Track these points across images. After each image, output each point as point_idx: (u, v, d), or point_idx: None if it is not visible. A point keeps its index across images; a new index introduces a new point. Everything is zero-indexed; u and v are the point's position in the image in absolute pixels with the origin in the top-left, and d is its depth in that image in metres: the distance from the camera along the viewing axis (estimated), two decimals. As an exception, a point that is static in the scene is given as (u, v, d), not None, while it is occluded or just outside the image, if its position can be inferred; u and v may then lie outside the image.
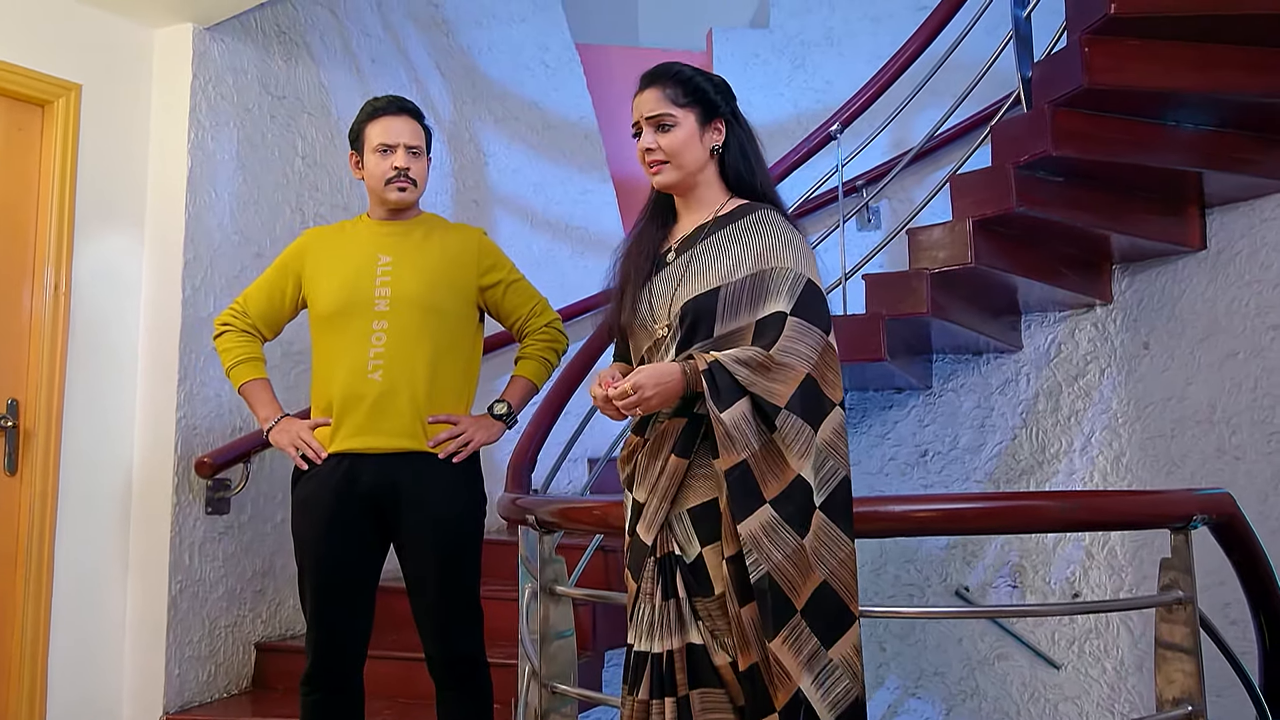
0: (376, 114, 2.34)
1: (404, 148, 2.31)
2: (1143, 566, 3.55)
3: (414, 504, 2.26)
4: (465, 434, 2.30)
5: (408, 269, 2.31)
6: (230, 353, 2.43)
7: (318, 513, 2.26)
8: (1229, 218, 3.36)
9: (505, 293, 2.42)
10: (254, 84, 3.20)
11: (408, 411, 2.26)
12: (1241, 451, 3.29)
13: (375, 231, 2.38)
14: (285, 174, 3.30)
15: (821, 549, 1.67)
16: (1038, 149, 2.96)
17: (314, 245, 2.43)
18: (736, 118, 1.89)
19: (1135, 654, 3.56)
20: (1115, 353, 3.66)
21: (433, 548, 2.26)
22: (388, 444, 2.26)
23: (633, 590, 1.84)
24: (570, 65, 4.19)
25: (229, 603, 3.07)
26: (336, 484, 2.26)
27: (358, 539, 2.27)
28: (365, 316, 2.28)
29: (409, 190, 2.33)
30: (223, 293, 3.07)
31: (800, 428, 1.68)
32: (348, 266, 2.33)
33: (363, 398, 2.26)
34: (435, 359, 2.29)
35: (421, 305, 2.29)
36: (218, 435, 3.05)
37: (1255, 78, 2.86)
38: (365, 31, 3.61)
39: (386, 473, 2.25)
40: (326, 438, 2.29)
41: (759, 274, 1.76)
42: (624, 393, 1.72)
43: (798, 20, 4.30)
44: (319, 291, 2.35)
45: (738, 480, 1.67)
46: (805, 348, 1.71)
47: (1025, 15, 3.10)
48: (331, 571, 2.26)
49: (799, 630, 1.64)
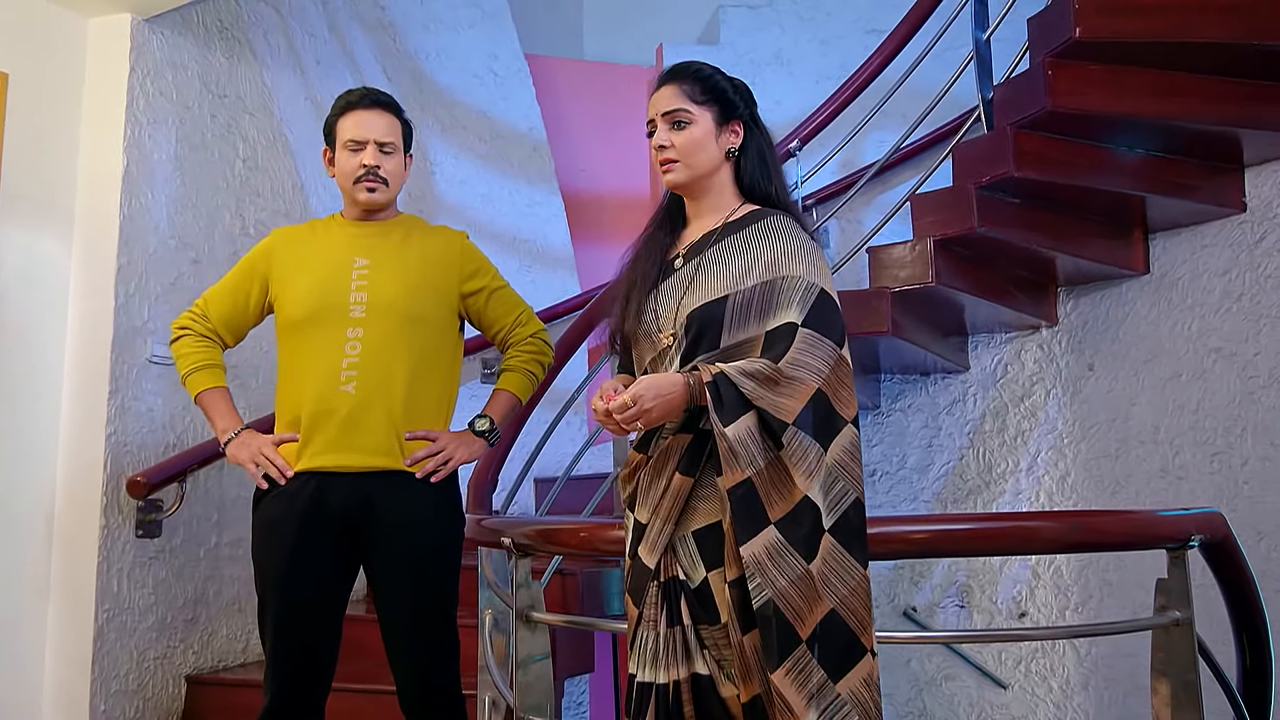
0: (349, 108, 2.19)
1: (374, 144, 2.15)
2: (1088, 586, 3.60)
3: (389, 527, 2.10)
4: (445, 451, 2.15)
5: (386, 273, 2.16)
6: (187, 358, 2.24)
7: (283, 537, 2.09)
8: (1171, 243, 3.44)
9: (488, 300, 2.28)
10: (194, 81, 3.03)
11: (383, 427, 2.10)
12: (1184, 471, 3.35)
13: (350, 233, 2.23)
14: (225, 177, 3.13)
15: (831, 575, 1.58)
16: (999, 170, 2.98)
17: (282, 245, 2.25)
18: (756, 122, 1.82)
19: (1081, 672, 3.60)
20: (1060, 374, 3.71)
21: (410, 573, 2.10)
22: (361, 462, 2.09)
23: (633, 616, 1.74)
24: (519, 75, 4.10)
25: (159, 633, 2.87)
26: (304, 505, 2.08)
27: (326, 565, 2.11)
28: (339, 324, 2.12)
29: (379, 190, 2.17)
30: (158, 300, 2.89)
31: (809, 445, 1.60)
32: (320, 269, 2.17)
33: (334, 411, 2.09)
34: (414, 370, 2.14)
35: (400, 312, 2.14)
36: (150, 452, 2.85)
37: (1207, 106, 2.94)
38: (310, 32, 3.46)
39: (359, 493, 2.09)
40: (293, 454, 2.13)
41: (769, 283, 1.68)
42: (623, 405, 1.62)
43: (748, 39, 4.30)
44: (287, 296, 2.18)
45: (741, 500, 1.59)
46: (817, 361, 1.63)
47: (985, 38, 3.13)
48: (297, 601, 2.09)
49: (804, 661, 1.55)
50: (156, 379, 2.88)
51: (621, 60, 4.45)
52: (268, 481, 2.13)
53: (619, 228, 4.30)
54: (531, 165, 4.05)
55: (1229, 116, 2.95)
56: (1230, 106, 2.94)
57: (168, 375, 2.91)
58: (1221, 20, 2.71)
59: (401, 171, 2.23)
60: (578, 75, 4.41)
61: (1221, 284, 3.28)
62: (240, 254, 3.17)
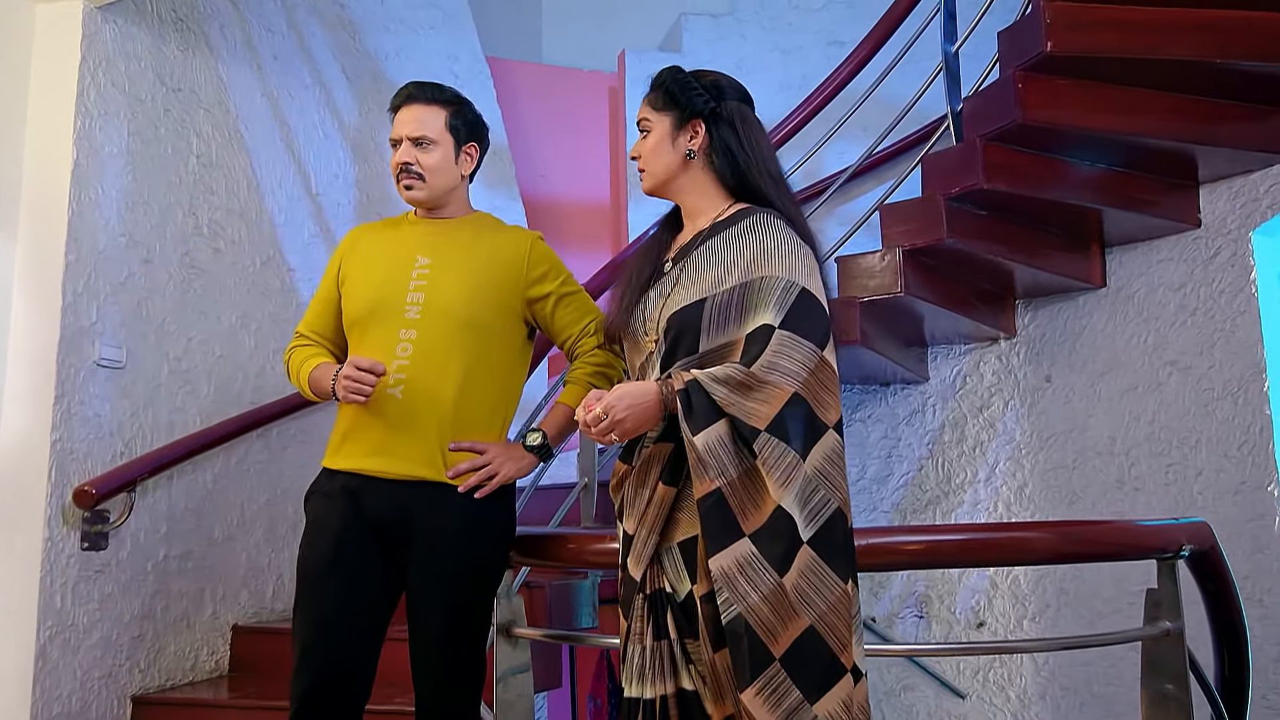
0: (395, 110, 2.12)
1: (407, 140, 2.06)
2: (1044, 596, 3.63)
3: (426, 543, 1.97)
4: (491, 465, 2.00)
5: (447, 274, 2.05)
6: (295, 360, 2.14)
7: (324, 535, 1.99)
8: (1128, 257, 3.50)
9: (556, 307, 2.12)
10: (148, 72, 2.90)
11: (429, 435, 1.99)
12: (1141, 482, 3.41)
13: (420, 231, 2.12)
14: (179, 173, 3.00)
15: (808, 590, 1.51)
16: (969, 181, 3.00)
17: (356, 243, 2.18)
18: (723, 118, 1.75)
19: (1038, 682, 3.63)
20: (1019, 385, 3.75)
21: (442, 594, 1.96)
22: (401, 469, 1.98)
23: (624, 630, 1.69)
24: (480, 78, 4.02)
25: (104, 650, 2.72)
26: (342, 506, 2.00)
27: (365, 569, 1.98)
28: (392, 324, 2.02)
29: (416, 187, 2.07)
30: (107, 300, 2.75)
31: (783, 453, 1.53)
32: (383, 268, 2.08)
33: (379, 414, 1.99)
34: (466, 378, 2.01)
35: (456, 316, 2.02)
36: (98, 461, 2.71)
37: (1168, 123, 2.99)
38: (268, 27, 3.35)
39: (396, 501, 1.98)
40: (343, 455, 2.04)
41: (748, 283, 1.63)
42: (597, 417, 1.57)
43: (709, 47, 4.28)
44: (351, 293, 2.10)
45: (711, 510, 1.53)
46: (793, 364, 1.57)
47: (954, 50, 3.15)
48: (334, 607, 1.95)
49: (777, 681, 1.48)
50: (105, 383, 2.74)
51: (582, 66, 4.41)
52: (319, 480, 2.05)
53: (578, 234, 4.24)
54: (492, 169, 3.98)
55: (1187, 134, 3.01)
56: (1189, 124, 2.99)
57: (116, 379, 2.78)
58: (1189, 38, 2.76)
59: (448, 165, 2.09)
60: (538, 79, 4.36)
61: (1177, 298, 3.34)
62: (194, 253, 3.07)
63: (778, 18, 4.32)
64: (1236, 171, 3.17)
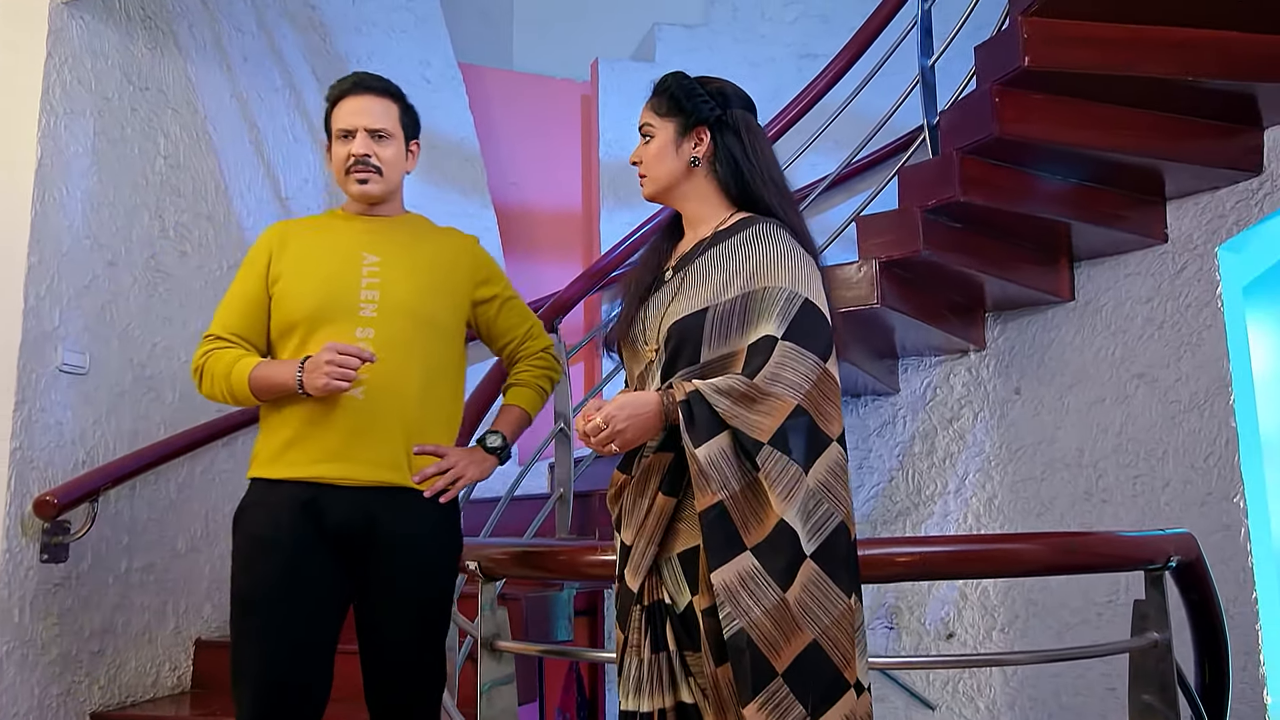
0: (340, 96, 2.02)
1: (364, 131, 1.98)
2: (1014, 607, 3.66)
3: (393, 549, 1.89)
4: (455, 469, 1.97)
5: (398, 271, 1.98)
6: (222, 362, 1.96)
7: (272, 555, 1.85)
8: (1096, 271, 3.54)
9: (500, 310, 2.11)
10: (115, 71, 2.83)
11: (393, 438, 1.91)
12: (1108, 494, 3.44)
13: (356, 227, 2.04)
14: (145, 174, 2.93)
15: (812, 604, 1.49)
16: (946, 194, 3.02)
17: (286, 240, 2.04)
18: (728, 125, 1.73)
19: (1007, 693, 3.65)
20: (988, 397, 3.77)
21: (410, 601, 1.90)
22: (366, 475, 1.89)
23: (620, 642, 1.66)
24: (452, 84, 3.97)
25: (63, 667, 2.63)
26: (296, 520, 1.86)
27: (322, 589, 1.88)
28: (347, 322, 1.93)
29: (372, 180, 1.99)
30: (70, 304, 2.67)
31: (785, 466, 1.51)
32: (327, 264, 1.98)
33: (338, 419, 1.88)
34: (427, 377, 1.96)
35: (414, 314, 1.96)
36: (59, 470, 2.63)
37: (1137, 139, 3.03)
38: (238, 27, 3.29)
39: (360, 509, 1.89)
40: (280, 464, 1.91)
41: (750, 294, 1.60)
42: (597, 427, 1.54)
43: (682, 58, 4.27)
44: (290, 292, 1.97)
45: (713, 524, 1.50)
46: (796, 376, 1.55)
47: (930, 64, 3.17)
48: (291, 632, 1.83)
49: (780, 696, 1.46)
50: (67, 389, 2.66)
51: (555, 74, 4.38)
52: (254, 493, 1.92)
53: (550, 243, 4.21)
54: (464, 176, 3.93)
55: (1157, 150, 3.05)
56: (1159, 141, 3.04)
57: (79, 385, 2.70)
58: (1163, 56, 2.80)
59: (401, 161, 2.04)
60: (510, 86, 4.32)
61: (1144, 311, 3.39)
62: (159, 257, 2.98)
63: (751, 29, 4.33)
64: (1203, 188, 3.22)
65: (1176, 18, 2.76)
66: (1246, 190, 3.13)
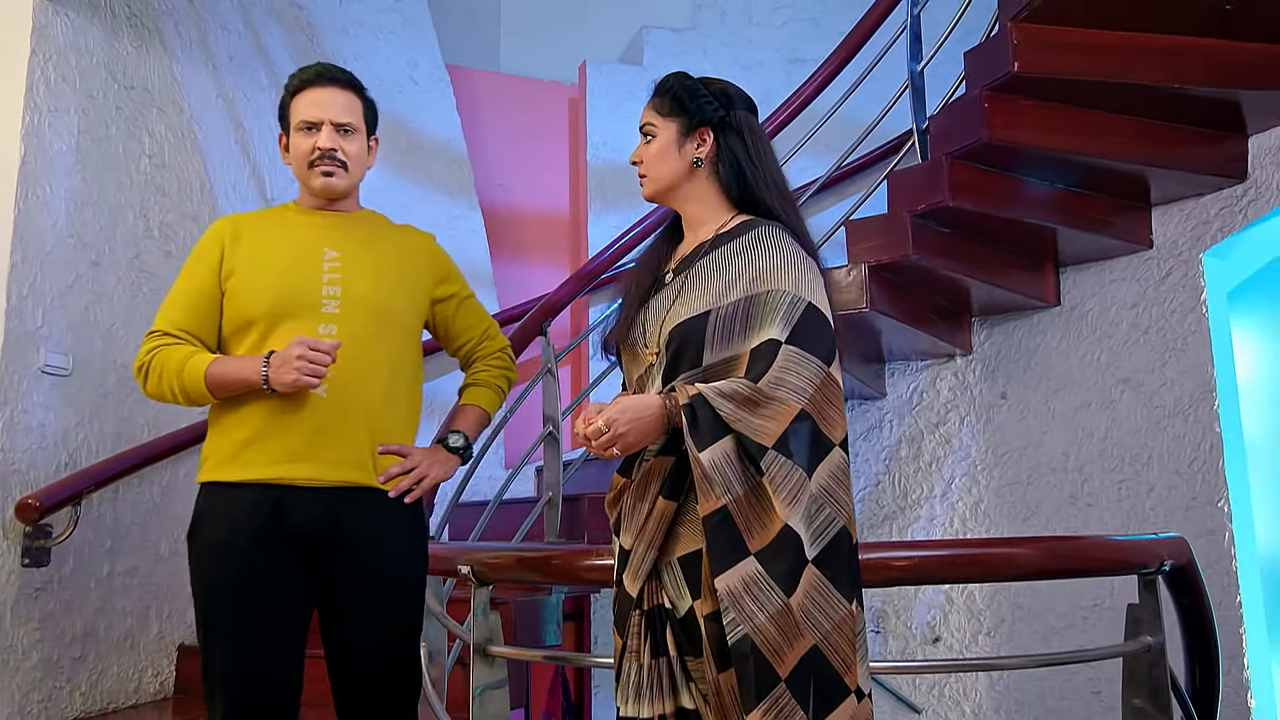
0: (303, 86, 1.96)
1: (330, 124, 1.93)
2: (999, 611, 3.67)
3: (360, 551, 1.86)
4: (419, 469, 1.93)
5: (360, 267, 1.94)
6: (172, 359, 1.87)
7: (234, 563, 1.80)
8: (1081, 276, 3.56)
9: (459, 309, 2.10)
10: (100, 69, 2.79)
11: (359, 437, 1.87)
12: (1094, 498, 3.46)
13: (313, 222, 1.99)
14: (130, 174, 2.89)
15: (813, 609, 1.48)
16: (935, 199, 3.02)
17: (239, 234, 1.96)
18: (731, 126, 1.72)
19: (993, 697, 3.65)
20: (974, 402, 3.79)
21: (378, 603, 1.87)
22: (331, 475, 1.85)
23: (618, 647, 1.64)
24: (440, 85, 3.95)
25: (44, 673, 2.59)
26: (258, 524, 1.81)
27: (289, 593, 1.84)
28: (309, 318, 1.88)
29: (337, 175, 1.95)
30: (53, 304, 2.63)
31: (790, 471, 1.50)
32: (285, 259, 1.92)
33: (301, 417, 1.84)
34: (391, 375, 1.93)
35: (378, 310, 1.93)
36: (41, 473, 2.59)
37: (1124, 145, 3.05)
38: (224, 26, 3.25)
39: (324, 510, 1.84)
40: (237, 465, 1.84)
41: (753, 297, 1.59)
42: (598, 430, 1.53)
43: (671, 60, 4.27)
44: (247, 288, 1.90)
45: (717, 528, 1.49)
46: (800, 380, 1.54)
47: (920, 69, 3.18)
48: (259, 640, 1.80)
49: (783, 702, 1.45)
50: (49, 391, 2.62)
51: (542, 76, 4.36)
52: (210, 498, 1.86)
53: (537, 246, 4.19)
54: (451, 178, 3.91)
55: (1143, 156, 3.07)
56: (1145, 147, 3.05)
57: (62, 387, 2.66)
58: (1150, 62, 2.82)
59: (364, 156, 2.01)
60: (498, 88, 4.30)
61: (1129, 317, 3.41)
62: (144, 257, 2.95)
63: (739, 33, 4.34)
64: (1188, 194, 3.25)
65: (1164, 25, 2.78)
66: (1231, 197, 3.16)
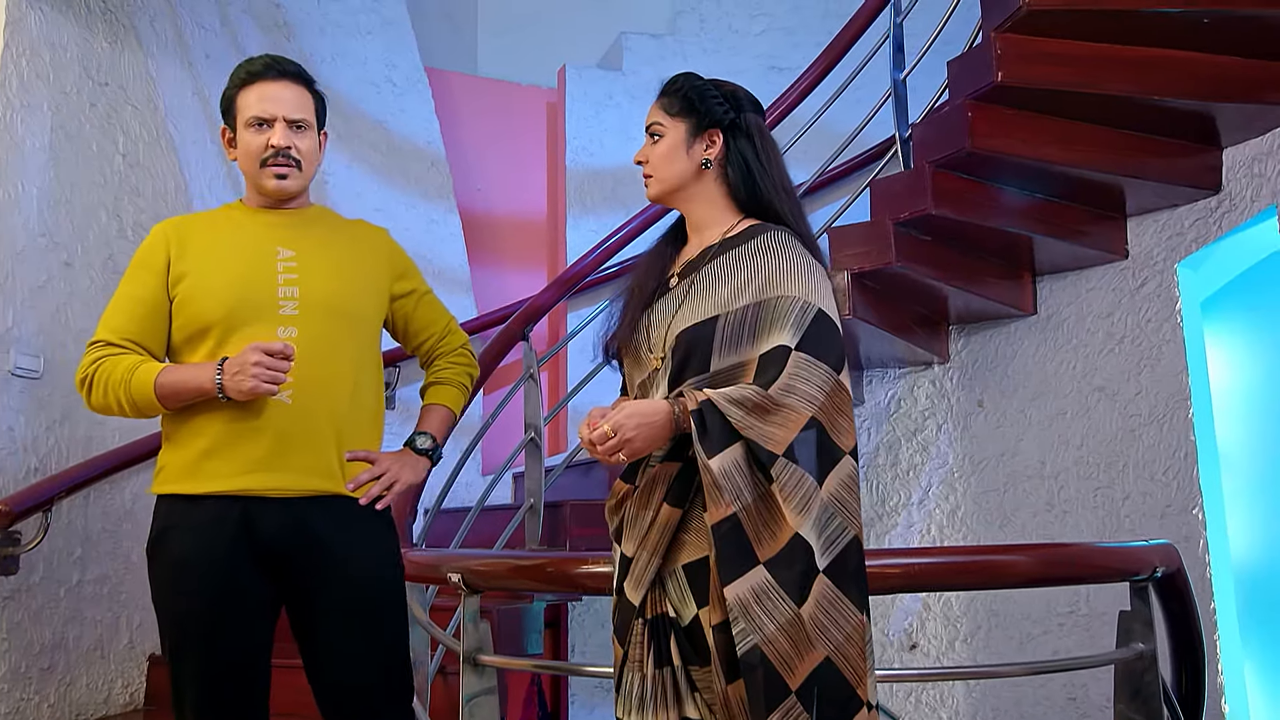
0: (251, 79, 1.86)
1: (284, 121, 1.84)
2: (976, 618, 3.68)
3: (334, 562, 1.81)
4: (389, 474, 1.87)
5: (317, 266, 1.87)
6: (118, 369, 1.79)
7: (201, 578, 1.75)
8: (1058, 285, 3.59)
9: (418, 305, 2.02)
10: (74, 64, 2.73)
11: (325, 443, 1.81)
12: (1069, 505, 3.49)
13: (263, 221, 1.90)
14: (103, 173, 2.83)
15: (825, 620, 1.47)
16: (919, 206, 3.04)
17: (185, 238, 1.88)
18: (741, 129, 1.71)
19: (969, 703, 3.67)
20: (952, 410, 3.80)
21: (357, 614, 1.82)
22: (299, 485, 1.79)
23: (619, 657, 1.62)
24: (418, 87, 3.91)
25: (11, 684, 2.52)
26: (226, 538, 1.76)
27: (255, 607, 1.80)
28: (266, 322, 1.80)
29: (291, 176, 1.86)
30: (24, 305, 2.57)
31: (800, 479, 1.49)
32: (235, 262, 1.84)
33: (264, 425, 1.77)
34: (356, 377, 1.87)
35: (339, 310, 1.86)
36: (10, 478, 2.53)
37: (1101, 155, 3.08)
38: (200, 23, 3.20)
39: (293, 520, 1.79)
40: (206, 475, 1.78)
41: (762, 303, 1.58)
42: (604, 435, 1.51)
43: (651, 67, 4.27)
44: (198, 294, 1.82)
45: (726, 537, 1.47)
46: (810, 387, 1.52)
47: (903, 78, 3.19)
48: (227, 655, 1.76)
49: (794, 715, 1.43)
50: (19, 394, 2.55)
51: (520, 80, 4.34)
52: (171, 513, 1.80)
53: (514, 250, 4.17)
54: (429, 181, 3.87)
55: (1120, 167, 3.10)
56: (1122, 158, 3.09)
57: (32, 390, 2.59)
58: (1127, 74, 2.85)
59: (315, 153, 1.93)
60: (477, 92, 4.27)
61: (1105, 326, 3.44)
62: (117, 258, 2.88)
63: (719, 40, 4.35)
64: (1163, 205, 3.28)
65: (1144, 38, 2.81)
66: (1205, 208, 3.20)
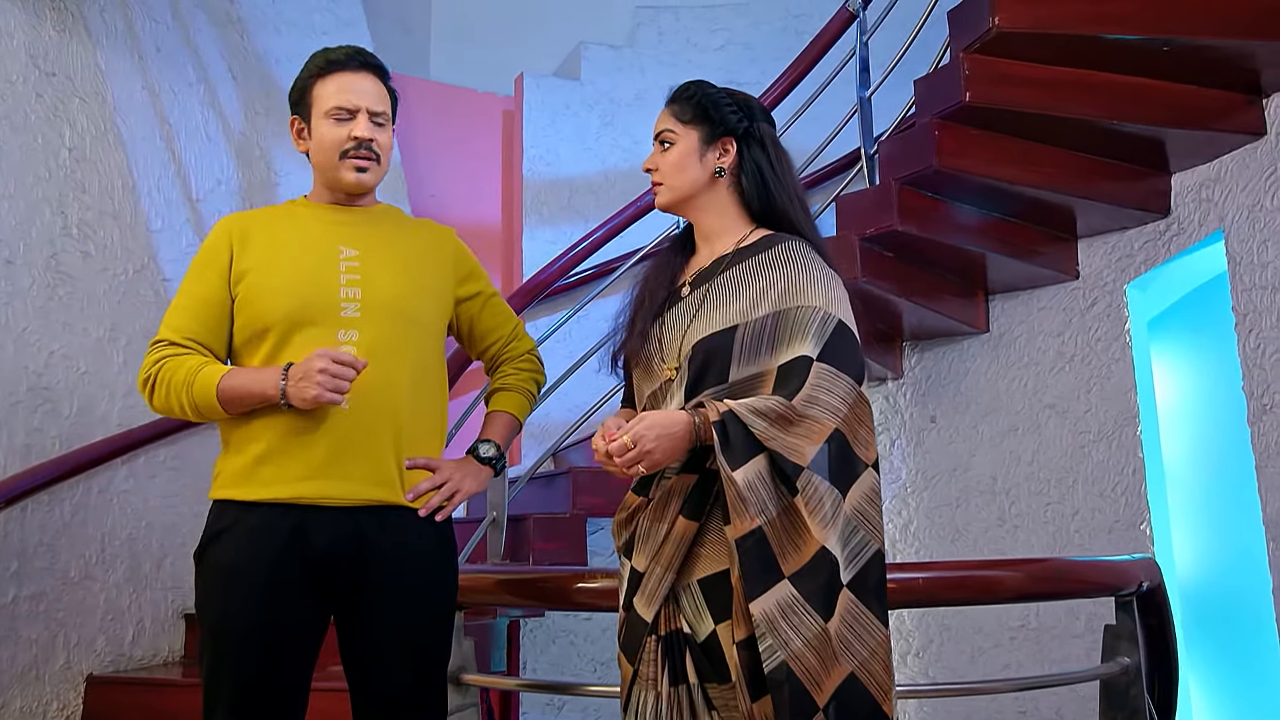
0: (331, 68, 1.81)
1: (367, 113, 1.79)
2: (928, 631, 3.72)
3: (388, 574, 1.73)
4: (450, 483, 1.80)
5: (381, 267, 1.80)
6: (181, 370, 1.73)
7: (250, 587, 1.67)
8: (1010, 304, 3.66)
9: (484, 308, 1.96)
10: (20, 52, 2.60)
11: (385, 451, 1.74)
12: (1020, 520, 3.54)
13: (328, 219, 1.84)
14: (49, 167, 2.69)
15: (849, 635, 1.45)
16: (884, 223, 3.06)
17: (248, 234, 1.82)
18: (755, 138, 1.70)
19: (921, 716, 3.69)
20: (905, 425, 3.84)
21: (410, 630, 1.74)
22: (356, 494, 1.72)
23: (626, 675, 1.57)
24: (373, 90, 3.81)
25: (-59, 708, 2.36)
26: (278, 547, 1.68)
27: (303, 622, 1.71)
28: (328, 325, 1.74)
29: (370, 169, 1.82)
30: (-37, 305, 2.42)
31: (825, 492, 1.47)
32: (298, 261, 1.78)
33: (323, 431, 1.70)
34: (416, 383, 1.80)
35: (402, 313, 1.80)
36: (-52, 486, 2.37)
37: (1060, 177, 3.14)
38: (151, 16, 3.08)
39: (349, 531, 1.71)
40: (261, 482, 1.71)
41: (782, 313, 1.56)
42: (623, 446, 1.47)
43: (608, 78, 4.24)
44: (260, 293, 1.76)
45: (751, 551, 1.45)
46: (833, 398, 1.51)
47: (868, 96, 3.23)
48: (271, 670, 1.68)
49: None
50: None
51: (476, 86, 4.28)
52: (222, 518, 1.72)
53: (468, 259, 4.09)
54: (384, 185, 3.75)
55: (1073, 189, 3.17)
56: (1076, 179, 3.15)
57: (-31, 395, 2.44)
58: (1087, 98, 2.91)
59: (390, 149, 1.88)
60: (431, 97, 4.19)
61: (1055, 345, 3.51)
62: (61, 256, 2.75)
63: (677, 54, 4.34)
64: (1113, 228, 3.37)
65: (1106, 63, 2.88)
66: (1154, 231, 3.29)
